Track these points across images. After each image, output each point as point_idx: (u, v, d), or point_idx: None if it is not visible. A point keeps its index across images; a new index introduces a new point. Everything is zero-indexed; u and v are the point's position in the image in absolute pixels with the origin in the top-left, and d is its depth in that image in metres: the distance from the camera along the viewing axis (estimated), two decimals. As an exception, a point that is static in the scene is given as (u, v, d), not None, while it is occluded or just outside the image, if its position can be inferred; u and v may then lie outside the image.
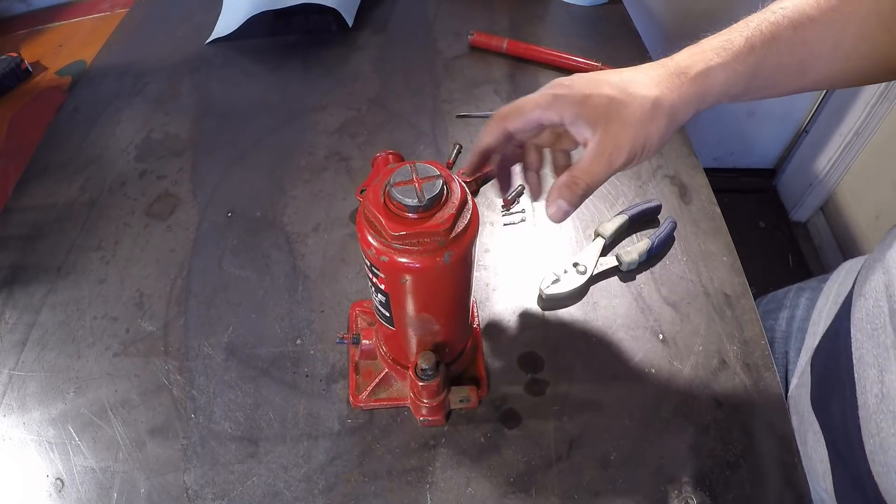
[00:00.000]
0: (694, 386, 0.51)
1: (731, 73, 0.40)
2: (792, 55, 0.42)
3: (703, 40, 0.42)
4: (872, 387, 0.42)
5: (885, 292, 0.42)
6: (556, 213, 0.41)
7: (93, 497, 0.46)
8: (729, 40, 0.41)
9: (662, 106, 0.39)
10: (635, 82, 0.40)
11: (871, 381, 0.42)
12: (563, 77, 0.42)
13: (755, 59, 0.41)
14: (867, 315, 0.44)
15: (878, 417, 0.41)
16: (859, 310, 0.46)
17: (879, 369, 0.41)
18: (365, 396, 0.50)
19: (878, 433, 0.40)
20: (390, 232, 0.35)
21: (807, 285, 0.65)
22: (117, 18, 0.95)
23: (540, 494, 0.46)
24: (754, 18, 0.42)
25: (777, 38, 0.41)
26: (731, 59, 0.40)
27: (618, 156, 0.39)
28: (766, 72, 0.42)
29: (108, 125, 0.77)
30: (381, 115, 0.76)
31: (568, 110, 0.39)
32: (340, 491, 0.46)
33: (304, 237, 0.63)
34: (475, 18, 0.90)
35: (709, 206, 0.65)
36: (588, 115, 0.39)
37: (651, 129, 0.39)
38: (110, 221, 0.66)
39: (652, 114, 0.39)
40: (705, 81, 0.40)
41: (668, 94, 0.40)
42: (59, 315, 0.58)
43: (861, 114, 1.41)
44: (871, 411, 0.41)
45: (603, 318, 0.56)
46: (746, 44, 0.41)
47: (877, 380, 0.41)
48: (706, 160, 1.44)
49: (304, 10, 0.84)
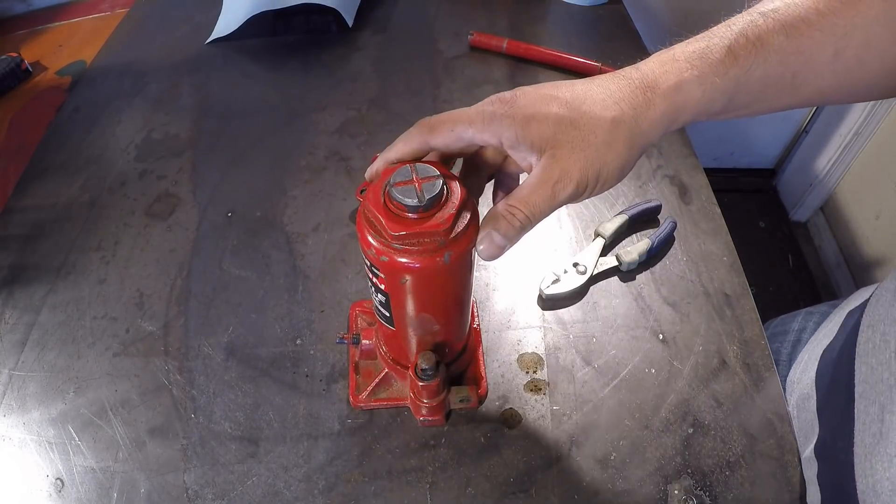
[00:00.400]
0: (694, 386, 0.51)
1: (708, 87, 0.34)
2: (784, 66, 0.35)
3: (677, 46, 0.36)
4: (871, 425, 0.38)
5: (894, 325, 0.39)
6: (488, 249, 0.35)
7: (93, 497, 0.46)
8: (707, 48, 0.35)
9: (622, 128, 0.34)
10: (590, 99, 0.34)
11: (870, 419, 0.39)
12: (505, 92, 0.36)
13: (739, 72, 0.34)
14: (873, 348, 0.40)
15: (873, 458, 0.38)
16: (866, 341, 0.42)
17: (881, 407, 0.38)
18: (365, 396, 0.50)
19: (871, 474, 0.38)
20: (390, 232, 0.35)
21: (816, 310, 0.62)
22: (117, 18, 0.95)
23: (540, 494, 0.46)
24: (738, 21, 0.36)
25: (766, 45, 0.34)
26: (709, 70, 0.34)
27: (564, 186, 0.33)
28: (751, 86, 0.35)
29: (108, 125, 0.77)
30: (381, 115, 0.76)
31: (507, 132, 0.34)
32: (340, 491, 0.46)
33: (304, 237, 0.63)
34: (475, 18, 0.90)
35: (709, 206, 0.65)
36: (531, 139, 0.33)
37: (608, 157, 0.34)
38: (110, 221, 0.66)
39: (609, 138, 0.33)
40: (677, 98, 0.34)
41: (629, 114, 0.34)
42: (59, 315, 0.58)
43: (861, 114, 1.41)
44: (868, 450, 0.38)
45: (603, 318, 0.56)
46: (728, 53, 0.34)
47: (877, 418, 0.38)
48: (706, 160, 1.43)
49: (304, 10, 0.84)
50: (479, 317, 0.56)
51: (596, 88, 0.35)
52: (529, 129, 0.34)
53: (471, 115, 0.35)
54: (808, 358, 0.55)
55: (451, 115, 0.36)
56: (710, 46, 0.35)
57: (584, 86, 0.35)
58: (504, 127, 0.34)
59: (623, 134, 0.34)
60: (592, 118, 0.34)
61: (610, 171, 0.34)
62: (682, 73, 0.35)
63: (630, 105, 0.34)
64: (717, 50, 0.35)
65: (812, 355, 0.54)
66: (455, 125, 0.35)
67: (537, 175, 0.34)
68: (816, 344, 0.55)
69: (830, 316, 0.57)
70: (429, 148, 0.37)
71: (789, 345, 0.61)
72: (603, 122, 0.34)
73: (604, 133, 0.33)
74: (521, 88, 0.36)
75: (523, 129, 0.34)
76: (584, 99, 0.34)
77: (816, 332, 0.58)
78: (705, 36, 0.36)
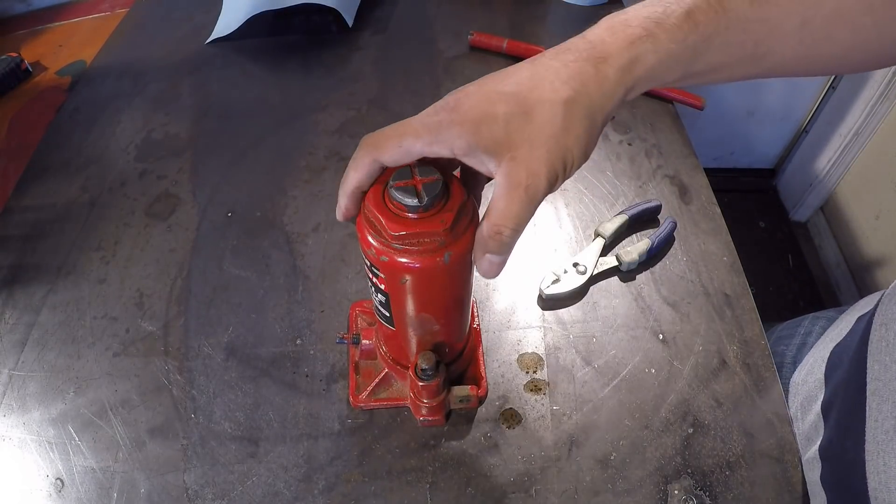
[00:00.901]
0: (694, 386, 0.51)
1: (663, 55, 0.32)
2: (746, 34, 0.33)
3: (631, 8, 0.33)
4: (884, 421, 0.38)
5: None
6: (491, 270, 0.34)
7: (93, 497, 0.46)
8: (665, 12, 0.32)
9: (577, 109, 0.32)
10: (538, 85, 0.32)
11: (883, 416, 0.38)
12: (446, 96, 0.34)
13: (697, 38, 0.32)
14: (886, 346, 0.40)
15: (886, 454, 0.37)
16: (878, 339, 0.41)
17: (894, 404, 0.37)
18: (365, 396, 0.50)
19: (885, 470, 0.37)
20: (390, 232, 0.35)
21: (823, 314, 0.62)
22: (117, 18, 0.95)
23: (540, 494, 0.46)
24: None
25: (728, 11, 0.32)
26: (665, 37, 0.32)
27: (537, 185, 0.31)
28: (710, 55, 0.33)
29: (108, 125, 0.77)
30: (381, 115, 0.76)
31: (458, 141, 0.32)
32: (340, 491, 0.46)
33: (304, 237, 0.63)
34: (475, 18, 0.90)
35: (709, 206, 0.65)
36: (486, 145, 0.31)
37: (569, 141, 0.32)
38: (110, 221, 0.66)
39: (566, 122, 0.31)
40: (629, 66, 0.32)
41: (582, 92, 0.32)
42: (59, 315, 0.58)
43: (861, 114, 1.41)
44: (880, 446, 0.38)
45: (603, 318, 0.56)
46: (687, 18, 0.32)
47: (890, 415, 0.37)
48: (706, 160, 1.43)
49: (304, 10, 0.84)
50: (479, 317, 0.56)
51: (542, 70, 0.33)
52: (481, 134, 0.31)
53: (416, 127, 0.33)
54: (814, 360, 0.55)
55: (395, 129, 0.34)
56: (668, 11, 0.33)
57: (528, 70, 0.33)
58: (454, 136, 0.32)
59: (579, 114, 0.32)
60: (544, 106, 0.31)
61: (575, 155, 0.33)
62: (635, 41, 0.32)
63: (580, 82, 0.32)
64: (675, 15, 0.32)
65: (818, 357, 0.54)
66: (401, 139, 0.33)
67: (505, 183, 0.32)
68: (823, 347, 0.54)
69: (838, 320, 0.57)
70: (380, 166, 0.35)
71: (794, 348, 0.61)
72: (556, 108, 0.31)
73: (559, 119, 0.31)
74: (462, 90, 0.33)
75: (474, 135, 0.32)
76: (532, 86, 0.32)
77: (823, 336, 0.58)
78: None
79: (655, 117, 0.74)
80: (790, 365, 0.60)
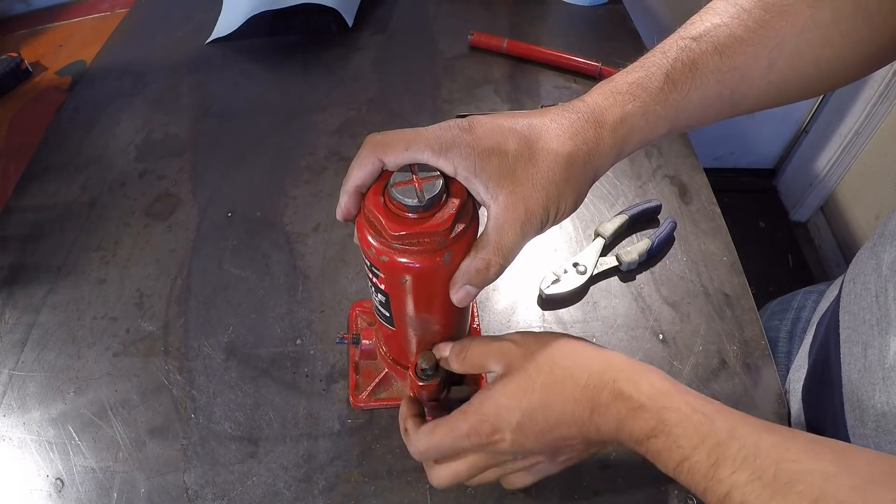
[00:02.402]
0: (694, 386, 0.51)
1: (651, 116, 0.36)
2: (721, 85, 0.36)
3: (617, 76, 0.37)
4: (856, 362, 0.41)
5: (873, 274, 0.42)
6: (465, 299, 0.36)
7: (93, 497, 0.46)
8: (646, 77, 0.36)
9: (577, 164, 0.35)
10: (545, 135, 0.35)
11: (854, 358, 0.41)
12: (459, 119, 0.36)
13: (678, 97, 0.36)
14: (855, 297, 0.43)
15: (859, 391, 0.40)
16: (848, 293, 0.45)
17: (863, 346, 0.41)
18: (365, 396, 0.50)
19: (858, 406, 0.40)
20: (390, 232, 0.35)
21: (815, 288, 0.64)
22: (117, 18, 0.95)
23: (540, 494, 0.46)
24: (672, 47, 0.37)
25: (701, 68, 0.36)
26: (650, 100, 0.35)
27: (531, 224, 0.34)
28: (691, 109, 0.37)
29: (108, 125, 0.77)
30: (381, 115, 0.76)
31: (465, 161, 0.34)
32: (340, 491, 0.46)
33: (304, 237, 0.63)
34: (475, 18, 0.90)
35: (709, 206, 0.65)
36: (490, 174, 0.34)
37: (565, 192, 0.35)
38: (110, 221, 0.66)
39: (566, 174, 0.34)
40: (622, 130, 0.35)
41: (583, 149, 0.35)
42: (59, 315, 0.58)
43: (861, 114, 1.41)
44: (854, 386, 0.41)
45: (603, 318, 0.56)
46: (667, 81, 0.35)
47: (860, 355, 0.41)
48: (706, 160, 1.43)
49: (304, 10, 0.84)
50: (479, 317, 0.56)
51: (549, 123, 0.35)
52: (490, 162, 0.34)
53: (428, 137, 0.34)
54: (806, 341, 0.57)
55: (405, 134, 0.35)
56: (649, 76, 0.36)
57: (538, 119, 0.36)
58: (462, 156, 0.34)
59: (578, 169, 0.35)
60: (549, 155, 0.34)
61: (567, 205, 0.36)
62: (626, 106, 0.35)
63: (583, 140, 0.35)
64: (655, 78, 0.36)
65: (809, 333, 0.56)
66: (409, 145, 0.34)
67: (502, 216, 0.34)
68: (814, 322, 0.56)
69: (828, 293, 0.59)
70: (382, 166, 0.36)
71: (788, 322, 0.62)
72: (560, 159, 0.34)
73: (561, 170, 0.34)
74: (475, 118, 0.35)
75: (482, 161, 0.34)
76: (540, 134, 0.35)
77: (816, 310, 0.59)
78: (643, 65, 0.37)
79: (655, 117, 0.74)
80: (785, 340, 0.61)
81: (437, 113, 0.75)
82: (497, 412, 0.35)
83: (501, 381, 0.36)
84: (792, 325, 0.62)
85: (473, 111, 0.75)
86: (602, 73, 0.78)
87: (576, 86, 0.79)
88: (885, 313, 0.39)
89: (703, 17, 0.38)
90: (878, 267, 0.41)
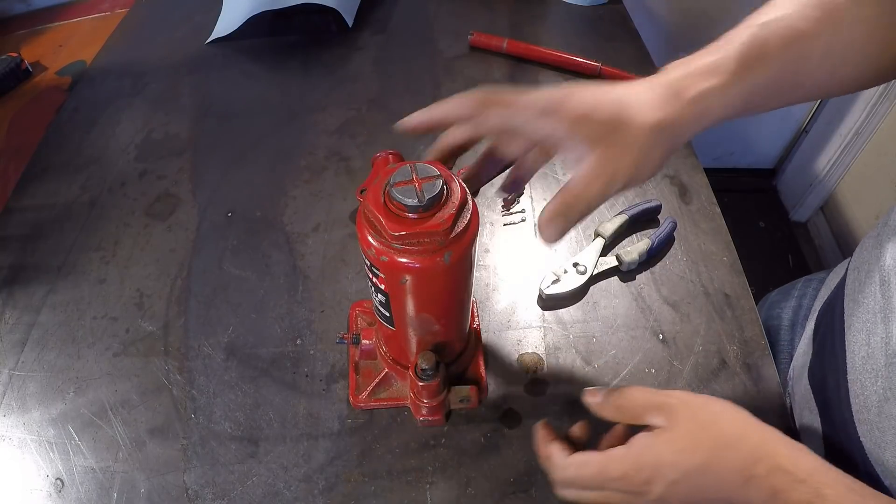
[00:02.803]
0: (694, 386, 0.51)
1: (727, 96, 0.38)
2: (785, 71, 0.40)
3: (692, 58, 0.39)
4: (860, 349, 0.42)
5: (877, 263, 0.43)
6: (553, 235, 0.38)
7: (93, 497, 0.46)
8: (722, 59, 0.38)
9: (665, 131, 0.37)
10: (637, 103, 0.37)
11: (858, 345, 0.43)
12: (556, 88, 0.38)
13: (751, 79, 0.38)
14: (859, 285, 0.45)
15: (863, 377, 0.42)
16: (852, 282, 0.46)
17: (867, 333, 0.42)
18: (365, 396, 0.50)
19: (862, 392, 0.41)
20: (390, 232, 0.35)
21: (815, 276, 0.65)
22: (117, 18, 0.95)
23: (540, 494, 0.46)
24: (741, 34, 0.39)
25: (769, 56, 0.38)
26: (726, 80, 0.38)
27: (616, 181, 0.37)
28: (761, 90, 0.39)
29: (108, 125, 0.77)
30: (381, 115, 0.76)
31: (563, 125, 0.36)
32: (340, 491, 0.46)
33: (304, 237, 0.63)
34: (475, 18, 0.90)
35: (709, 206, 0.65)
36: (587, 134, 0.36)
37: (652, 155, 0.37)
38: (110, 221, 0.66)
39: (654, 139, 0.37)
40: (702, 105, 0.38)
41: (667, 121, 0.37)
42: (59, 315, 0.58)
43: (861, 114, 1.41)
44: (858, 373, 0.42)
45: (603, 318, 0.56)
46: (739, 63, 0.38)
47: (864, 343, 0.42)
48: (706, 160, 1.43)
49: (304, 10, 0.84)
50: (479, 317, 0.56)
51: (638, 94, 0.38)
52: (585, 125, 0.36)
53: (534, 101, 0.37)
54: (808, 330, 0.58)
55: (509, 97, 0.38)
56: (724, 58, 0.38)
57: (627, 91, 0.38)
58: (563, 119, 0.36)
59: (662, 138, 0.37)
60: (638, 123, 0.36)
61: (652, 167, 0.38)
62: (704, 84, 0.38)
63: (666, 112, 0.37)
64: (730, 60, 0.38)
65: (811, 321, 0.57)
66: (510, 109, 0.37)
67: (591, 170, 0.36)
68: (815, 310, 0.57)
69: (827, 281, 0.60)
70: (473, 116, 0.39)
71: (790, 311, 0.63)
72: (646, 128, 0.36)
73: (646, 138, 0.36)
74: (569, 87, 0.38)
75: (580, 124, 0.36)
76: (631, 103, 0.37)
77: (817, 297, 0.60)
78: (714, 49, 0.39)
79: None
80: (787, 329, 0.62)
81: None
82: (657, 465, 0.36)
83: (666, 437, 0.37)
84: (793, 313, 0.63)
85: (473, 111, 0.75)
86: (602, 72, 0.78)
87: (576, 86, 0.79)
88: (889, 302, 0.40)
89: (767, 9, 0.40)
90: (881, 256, 0.43)
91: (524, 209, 0.65)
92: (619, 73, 0.77)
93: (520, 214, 0.64)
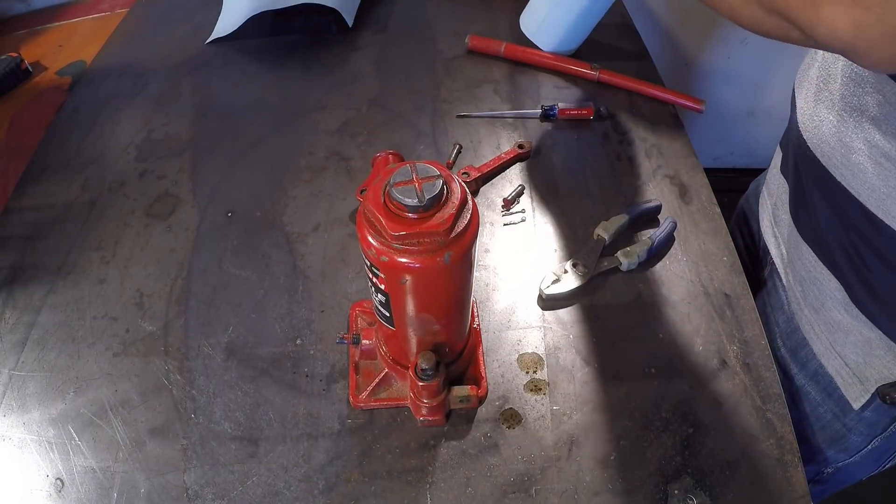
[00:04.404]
0: (694, 386, 0.51)
1: None
2: None
3: None
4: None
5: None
6: None
7: (93, 497, 0.46)
8: None
9: None
10: None
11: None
12: None
13: None
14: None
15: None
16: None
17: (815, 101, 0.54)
18: (365, 396, 0.50)
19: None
20: (390, 232, 0.35)
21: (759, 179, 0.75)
22: (117, 18, 0.95)
23: (540, 494, 0.46)
24: None
25: None
26: None
27: None
28: None
29: (108, 125, 0.77)
30: (381, 115, 0.76)
31: None
32: (340, 491, 0.46)
33: (304, 237, 0.63)
34: (475, 19, 0.90)
35: (709, 206, 0.65)
36: None
37: None
38: (110, 221, 0.66)
39: None
40: None
41: None
42: (59, 315, 0.58)
43: (861, 114, 1.40)
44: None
45: (603, 318, 0.56)
46: None
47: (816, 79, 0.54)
48: (706, 160, 1.44)
49: (304, 10, 0.84)
50: (479, 317, 0.56)
51: None
52: None
53: None
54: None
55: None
56: None
57: None
58: None
59: None
60: None
61: None
62: None
63: None
64: None
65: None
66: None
67: None
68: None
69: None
70: None
71: (767, 206, 0.69)
72: None
73: None
74: None
75: None
76: None
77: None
78: None
79: (655, 117, 0.74)
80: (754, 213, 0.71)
81: (437, 113, 0.75)
82: None
83: None
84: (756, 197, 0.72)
85: (473, 111, 0.75)
86: (600, 77, 0.78)
87: (576, 87, 0.79)
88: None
89: None
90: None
91: (524, 209, 0.65)
92: (616, 77, 0.77)
93: (520, 214, 0.64)
